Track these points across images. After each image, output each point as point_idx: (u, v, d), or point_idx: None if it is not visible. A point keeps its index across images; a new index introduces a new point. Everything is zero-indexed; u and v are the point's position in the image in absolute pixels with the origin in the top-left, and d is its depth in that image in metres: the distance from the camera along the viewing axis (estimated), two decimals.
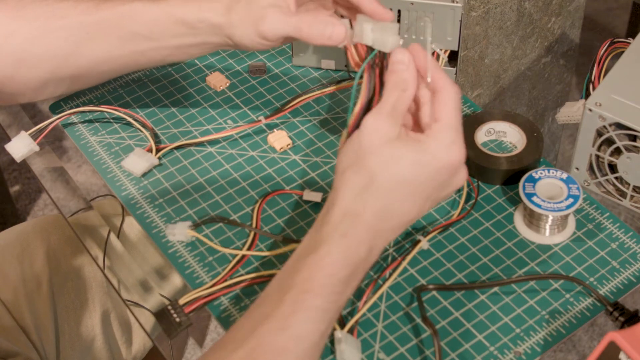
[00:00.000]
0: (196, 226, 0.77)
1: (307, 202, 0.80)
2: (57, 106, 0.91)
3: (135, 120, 0.88)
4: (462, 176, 0.63)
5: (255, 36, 0.71)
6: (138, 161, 0.83)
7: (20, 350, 0.91)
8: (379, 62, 0.65)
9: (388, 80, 0.62)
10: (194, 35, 0.73)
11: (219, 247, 0.76)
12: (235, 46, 0.74)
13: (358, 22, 0.66)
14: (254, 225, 0.78)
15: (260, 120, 0.87)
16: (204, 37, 0.73)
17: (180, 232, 0.76)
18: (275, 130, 0.87)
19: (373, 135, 0.60)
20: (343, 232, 0.60)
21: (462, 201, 0.79)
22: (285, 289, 0.60)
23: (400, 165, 0.60)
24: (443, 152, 0.60)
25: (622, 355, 0.59)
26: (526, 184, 0.76)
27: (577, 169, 0.82)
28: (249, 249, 0.76)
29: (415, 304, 0.72)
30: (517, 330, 0.70)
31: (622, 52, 0.83)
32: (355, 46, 0.68)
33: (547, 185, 0.76)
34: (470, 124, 0.83)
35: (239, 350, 0.58)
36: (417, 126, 0.64)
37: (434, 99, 0.62)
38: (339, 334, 0.67)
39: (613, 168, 0.80)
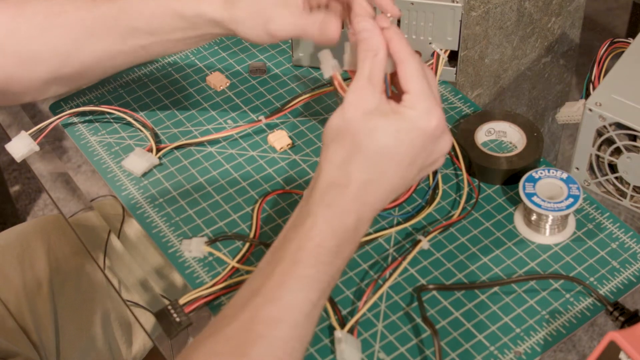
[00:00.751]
0: (211, 242, 0.77)
1: None
2: (57, 106, 0.91)
3: (135, 120, 0.88)
4: (446, 141, 0.64)
5: (264, 33, 0.71)
6: (138, 161, 0.83)
7: (20, 350, 0.91)
8: None
9: (359, 50, 0.64)
10: (193, 29, 0.73)
11: (234, 263, 0.75)
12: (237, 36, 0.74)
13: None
14: (254, 227, 0.78)
15: (260, 120, 0.87)
16: (204, 29, 0.73)
17: (196, 249, 0.76)
18: (275, 130, 0.87)
19: (355, 108, 0.62)
20: (328, 202, 0.61)
21: (462, 201, 0.79)
22: (274, 262, 0.61)
23: (381, 136, 0.61)
24: (422, 120, 0.62)
25: (622, 355, 0.59)
26: (526, 183, 0.76)
27: (577, 169, 0.82)
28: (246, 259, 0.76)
29: (415, 304, 0.72)
30: (517, 330, 0.70)
31: (622, 52, 0.83)
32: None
33: (547, 185, 0.76)
34: (470, 124, 0.83)
35: (232, 323, 0.59)
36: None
37: (397, 71, 0.64)
38: (339, 334, 0.67)
39: (613, 168, 0.80)
